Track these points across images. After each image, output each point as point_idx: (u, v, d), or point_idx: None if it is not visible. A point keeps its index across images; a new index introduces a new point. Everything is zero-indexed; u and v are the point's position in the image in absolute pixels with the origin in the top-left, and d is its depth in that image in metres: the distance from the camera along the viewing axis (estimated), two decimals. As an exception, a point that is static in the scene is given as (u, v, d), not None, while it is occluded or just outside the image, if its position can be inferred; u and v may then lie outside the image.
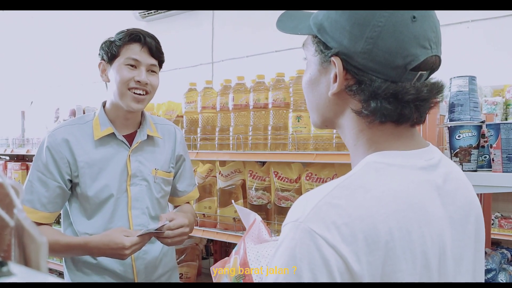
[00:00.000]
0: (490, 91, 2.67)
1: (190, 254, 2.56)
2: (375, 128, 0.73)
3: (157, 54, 1.56)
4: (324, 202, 0.64)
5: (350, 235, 0.61)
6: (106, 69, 1.56)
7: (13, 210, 0.42)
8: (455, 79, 1.48)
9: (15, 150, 3.30)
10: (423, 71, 0.70)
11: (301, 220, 0.63)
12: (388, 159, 0.71)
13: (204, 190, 2.29)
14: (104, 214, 1.54)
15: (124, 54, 1.51)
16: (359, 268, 0.60)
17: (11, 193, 0.42)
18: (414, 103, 0.70)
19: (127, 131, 1.61)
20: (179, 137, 1.75)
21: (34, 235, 0.38)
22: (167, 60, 1.65)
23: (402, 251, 0.63)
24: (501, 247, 1.93)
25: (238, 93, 2.08)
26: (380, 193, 0.66)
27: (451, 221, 0.73)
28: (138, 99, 1.52)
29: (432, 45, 0.70)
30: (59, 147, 1.52)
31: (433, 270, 0.67)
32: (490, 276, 1.53)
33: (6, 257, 0.41)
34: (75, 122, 1.60)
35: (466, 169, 1.43)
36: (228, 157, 2.09)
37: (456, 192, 0.76)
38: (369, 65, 0.69)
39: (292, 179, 1.99)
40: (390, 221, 0.63)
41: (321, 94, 0.78)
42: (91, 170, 1.53)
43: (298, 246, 0.62)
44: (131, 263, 1.57)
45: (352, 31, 0.70)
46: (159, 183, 1.64)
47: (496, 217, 2.83)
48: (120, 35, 1.53)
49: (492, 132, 1.39)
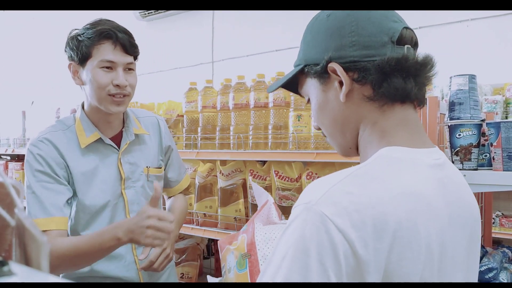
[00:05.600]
0: (490, 89, 2.67)
1: (191, 254, 2.56)
2: (388, 113, 0.77)
3: (132, 50, 1.43)
4: (337, 188, 0.67)
5: (359, 221, 0.63)
6: (77, 70, 1.44)
7: (14, 210, 0.42)
8: (455, 77, 1.48)
9: (16, 150, 3.31)
10: (407, 44, 0.76)
11: (313, 203, 0.65)
12: (400, 154, 0.73)
13: (205, 190, 2.29)
14: (102, 222, 1.47)
15: (96, 55, 1.38)
16: (365, 253, 0.63)
17: (12, 193, 0.42)
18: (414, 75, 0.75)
19: (112, 132, 1.52)
20: (163, 127, 1.67)
21: (35, 234, 0.38)
22: (167, 60, 1.64)
23: (408, 240, 0.65)
24: (502, 246, 1.93)
25: (239, 92, 2.08)
26: (391, 185, 0.68)
27: (451, 220, 0.75)
28: (118, 102, 1.42)
29: (400, 19, 0.79)
30: (51, 153, 1.42)
31: (434, 262, 0.69)
32: (491, 275, 1.53)
33: (7, 257, 0.42)
34: (57, 128, 1.48)
35: (466, 168, 1.43)
36: (229, 156, 2.09)
37: (457, 193, 0.79)
38: (363, 53, 0.75)
39: (292, 178, 1.99)
40: (399, 212, 0.65)
41: (334, 109, 0.81)
42: (84, 177, 1.45)
43: (308, 227, 0.64)
44: (136, 267, 1.54)
45: (333, 37, 0.77)
46: (153, 180, 1.58)
47: (497, 215, 2.83)
48: (89, 33, 1.38)
49: (492, 131, 1.39)
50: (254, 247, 1.11)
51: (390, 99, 0.76)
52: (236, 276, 1.14)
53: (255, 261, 1.10)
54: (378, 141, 0.77)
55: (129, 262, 1.53)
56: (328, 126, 0.85)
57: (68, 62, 1.46)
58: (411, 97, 0.77)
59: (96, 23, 1.41)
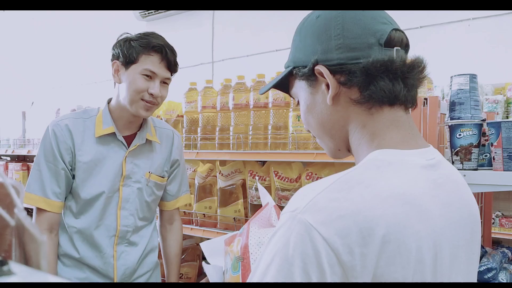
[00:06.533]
0: (491, 89, 2.67)
1: (191, 254, 2.56)
2: (376, 115, 0.76)
3: (173, 68, 1.57)
4: (322, 195, 0.66)
5: (344, 228, 0.62)
6: (119, 70, 1.54)
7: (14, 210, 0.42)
8: (456, 77, 1.48)
9: (16, 150, 3.31)
10: (397, 46, 0.75)
11: (299, 211, 0.65)
12: (390, 157, 0.72)
13: (204, 190, 2.29)
14: (94, 210, 1.56)
15: (142, 62, 1.50)
16: (350, 259, 0.62)
17: (11, 193, 0.42)
18: (402, 77, 0.74)
19: (128, 132, 1.62)
20: (177, 142, 1.77)
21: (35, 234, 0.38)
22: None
23: (397, 244, 0.64)
24: (501, 246, 1.93)
25: (238, 92, 2.08)
26: (379, 189, 0.67)
27: (448, 221, 0.73)
28: (147, 107, 1.53)
29: (391, 21, 0.77)
30: (63, 136, 1.53)
31: (426, 265, 0.67)
32: (490, 275, 1.53)
33: (7, 257, 0.42)
34: (79, 116, 1.60)
35: (466, 168, 1.43)
36: (228, 156, 2.09)
37: (455, 193, 0.77)
38: (349, 55, 0.74)
39: (292, 178, 1.99)
40: (387, 216, 0.64)
41: (322, 111, 0.81)
42: (87, 165, 1.54)
43: (293, 236, 0.64)
44: (113, 262, 1.60)
45: (320, 39, 0.77)
46: (151, 186, 1.66)
47: (497, 216, 2.83)
48: (142, 42, 1.51)
49: (493, 131, 1.39)
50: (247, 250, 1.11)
51: (378, 101, 0.75)
52: (230, 278, 1.15)
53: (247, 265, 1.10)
54: (368, 144, 0.76)
55: (108, 255, 1.59)
56: (316, 129, 0.84)
57: (112, 60, 1.56)
58: (400, 99, 0.75)
59: (150, 35, 1.53)
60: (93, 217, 1.56)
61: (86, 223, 1.56)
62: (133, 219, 1.63)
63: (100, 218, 1.57)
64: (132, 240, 1.64)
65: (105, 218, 1.58)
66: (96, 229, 1.57)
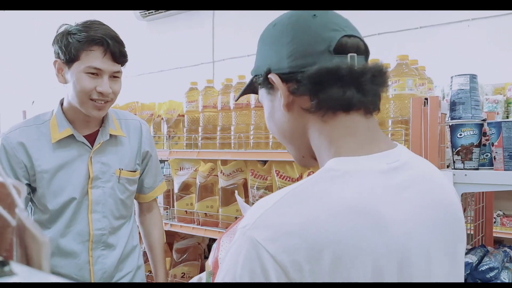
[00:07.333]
0: (491, 89, 2.67)
1: (192, 253, 2.56)
2: (330, 123, 0.74)
3: (121, 59, 1.42)
4: (271, 211, 0.65)
5: (292, 245, 0.61)
6: (63, 69, 1.42)
7: (15, 210, 0.42)
8: (456, 77, 1.48)
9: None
10: (351, 53, 0.73)
11: (247, 227, 0.65)
12: (345, 166, 0.70)
13: (206, 189, 2.29)
14: (64, 218, 1.47)
15: (84, 60, 1.36)
16: (300, 276, 0.61)
17: (12, 193, 0.42)
18: (354, 84, 0.72)
19: (88, 131, 1.51)
20: (145, 132, 1.66)
21: (36, 234, 0.38)
22: (168, 60, 1.64)
23: (350, 259, 0.62)
24: (503, 246, 1.93)
25: (239, 92, 2.08)
26: (330, 202, 0.65)
27: (419, 225, 0.71)
28: (99, 107, 1.42)
29: (344, 27, 0.74)
30: (14, 151, 1.42)
31: (385, 277, 0.65)
32: (492, 275, 1.52)
33: (8, 257, 0.42)
34: (32, 123, 1.49)
35: (467, 168, 1.43)
36: (230, 156, 2.09)
37: (428, 194, 0.75)
38: (299, 63, 0.73)
39: (293, 178, 1.99)
40: (338, 231, 0.62)
41: (280, 119, 0.80)
42: (49, 174, 1.45)
43: (242, 253, 0.64)
44: (89, 268, 1.51)
45: (274, 47, 0.77)
46: (123, 183, 1.57)
47: (498, 215, 2.83)
48: (80, 36, 1.36)
49: (493, 130, 1.39)
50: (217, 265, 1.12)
51: (330, 109, 0.73)
52: None
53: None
54: (326, 152, 0.75)
55: (83, 261, 1.51)
56: (278, 136, 0.84)
57: (55, 58, 1.43)
58: (355, 105, 0.73)
59: (89, 26, 1.39)
60: (62, 224, 1.48)
61: (54, 232, 1.47)
62: (107, 220, 1.53)
63: (68, 226, 1.48)
64: (109, 242, 1.55)
65: (76, 224, 1.49)
66: (64, 236, 1.48)
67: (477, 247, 1.79)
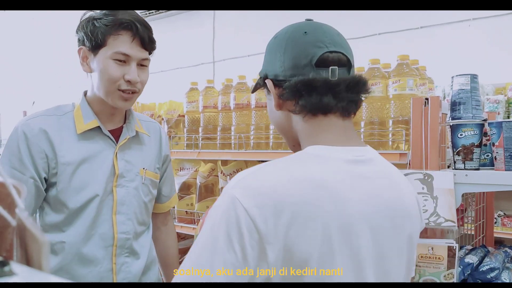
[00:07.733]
0: (492, 89, 2.67)
1: (192, 254, 2.56)
2: (310, 122, 0.90)
3: (149, 45, 1.35)
4: (250, 176, 0.82)
5: (262, 202, 0.77)
6: (88, 57, 1.34)
7: (15, 210, 0.42)
8: (456, 77, 1.48)
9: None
10: (332, 66, 0.87)
11: (230, 187, 0.81)
12: (318, 151, 0.86)
13: (206, 190, 2.29)
14: (85, 219, 1.34)
15: (112, 45, 1.28)
16: (265, 227, 0.76)
17: (12, 193, 0.42)
18: (331, 92, 0.86)
19: (112, 126, 1.41)
20: (164, 135, 1.59)
21: (36, 234, 0.38)
22: (168, 60, 1.63)
23: (304, 219, 0.77)
24: (504, 246, 1.92)
25: (240, 92, 2.08)
26: (297, 174, 0.81)
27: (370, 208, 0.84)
28: (126, 98, 1.33)
29: (328, 44, 0.88)
30: (36, 138, 1.30)
31: (334, 240, 0.79)
32: (493, 275, 1.52)
33: (8, 257, 0.41)
34: (52, 113, 1.37)
35: (468, 168, 1.43)
36: (230, 156, 2.09)
37: (386, 189, 0.88)
38: (287, 73, 0.90)
39: (294, 178, 1.99)
40: (298, 195, 0.78)
41: (275, 115, 0.97)
42: (73, 167, 1.32)
43: (222, 206, 0.80)
44: (112, 277, 1.38)
45: (271, 56, 0.94)
46: (148, 184, 1.46)
47: (499, 215, 2.83)
48: (107, 20, 1.28)
49: (494, 131, 1.39)
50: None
51: (309, 112, 0.89)
52: None
53: None
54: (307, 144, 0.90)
55: (105, 269, 1.37)
56: (276, 128, 1.03)
57: (78, 46, 1.35)
58: (332, 109, 0.88)
59: (115, 11, 1.32)
60: (84, 226, 1.33)
61: (75, 236, 1.33)
62: (132, 224, 1.41)
63: (92, 227, 1.34)
64: (134, 248, 1.42)
65: (99, 226, 1.35)
66: (87, 241, 1.34)
67: (478, 247, 1.79)
